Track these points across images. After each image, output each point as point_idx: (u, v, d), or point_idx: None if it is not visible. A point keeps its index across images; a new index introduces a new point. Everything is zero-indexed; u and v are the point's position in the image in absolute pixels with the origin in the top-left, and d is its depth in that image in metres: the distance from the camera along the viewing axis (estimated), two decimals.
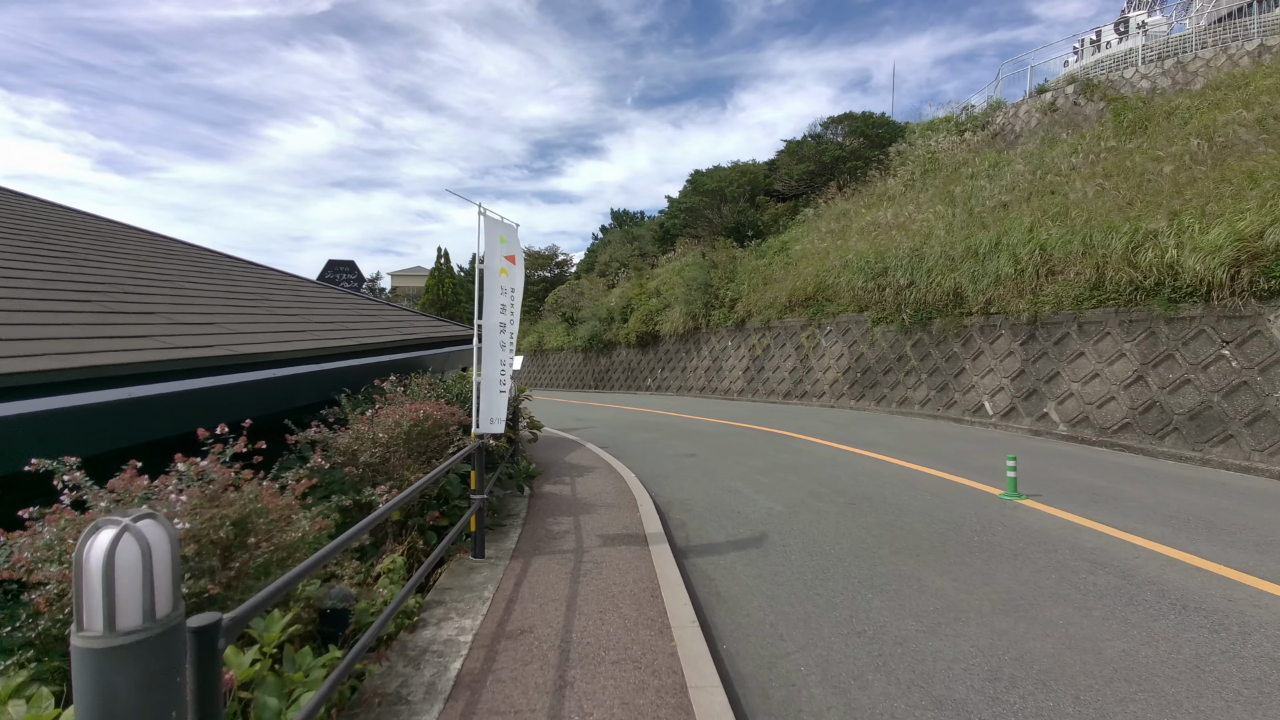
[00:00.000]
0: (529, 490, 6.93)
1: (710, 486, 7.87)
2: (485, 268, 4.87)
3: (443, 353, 9.10)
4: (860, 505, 6.66)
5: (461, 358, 10.92)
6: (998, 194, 16.22)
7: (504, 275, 4.94)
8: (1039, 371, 12.33)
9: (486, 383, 4.82)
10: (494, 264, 4.87)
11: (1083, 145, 16.12)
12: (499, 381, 4.87)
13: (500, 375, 4.89)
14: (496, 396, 4.85)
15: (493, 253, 4.87)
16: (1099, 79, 20.61)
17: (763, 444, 10.95)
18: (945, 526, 5.83)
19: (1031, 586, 4.42)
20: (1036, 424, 11.89)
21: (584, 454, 10.12)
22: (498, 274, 4.88)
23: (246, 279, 8.15)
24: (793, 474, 8.36)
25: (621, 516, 6.18)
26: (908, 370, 15.69)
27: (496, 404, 4.86)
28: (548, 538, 5.41)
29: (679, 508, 6.90)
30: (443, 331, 10.25)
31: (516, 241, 5.05)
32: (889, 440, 10.97)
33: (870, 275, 17.18)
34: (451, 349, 9.67)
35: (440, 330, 10.29)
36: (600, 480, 7.97)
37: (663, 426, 13.87)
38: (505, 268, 4.96)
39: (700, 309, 24.29)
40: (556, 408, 20.18)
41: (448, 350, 9.51)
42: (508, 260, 4.97)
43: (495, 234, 4.86)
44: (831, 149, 26.77)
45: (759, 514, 6.51)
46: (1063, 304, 12.19)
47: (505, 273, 4.93)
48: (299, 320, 6.82)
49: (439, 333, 9.81)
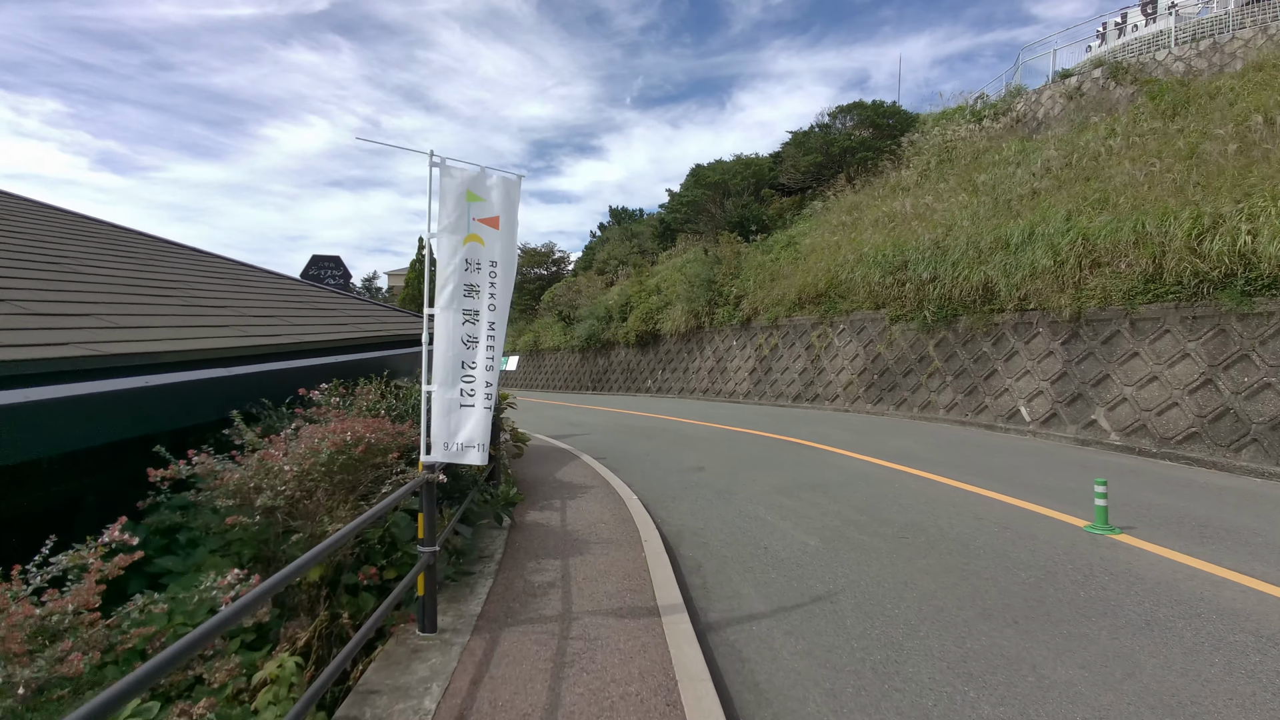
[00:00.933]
0: (509, 521, 5.68)
1: (726, 511, 6.63)
2: (438, 239, 3.61)
3: (413, 352, 7.84)
4: (914, 540, 5.42)
5: None
6: (1030, 180, 15.00)
7: (476, 245, 3.67)
8: (1084, 374, 11.10)
9: (442, 394, 3.56)
10: (456, 230, 3.62)
11: (1120, 127, 14.90)
12: (467, 393, 3.62)
13: (473, 384, 3.64)
14: (463, 413, 3.59)
15: (457, 215, 3.61)
16: (1128, 62, 19.41)
17: (779, 455, 9.71)
18: (1034, 574, 4.59)
19: (1194, 678, 3.18)
20: (1083, 432, 10.66)
21: (578, 468, 8.87)
22: (461, 245, 3.62)
23: (166, 262, 6.87)
24: (821, 494, 7.12)
25: (622, 559, 4.92)
26: (930, 372, 14.46)
27: (466, 424, 3.60)
28: (526, 595, 4.16)
29: (692, 541, 5.65)
30: (416, 329, 9.00)
31: (507, 199, 3.72)
32: (921, 451, 9.74)
33: (888, 269, 15.96)
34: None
35: (413, 327, 9.02)
36: (596, 504, 6.72)
37: (665, 433, 12.62)
38: (479, 234, 3.69)
39: (703, 307, 23.05)
40: (551, 411, 18.92)
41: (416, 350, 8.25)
42: (483, 225, 3.69)
43: (458, 190, 3.61)
44: (841, 139, 25.52)
45: (791, 551, 5.26)
46: (1111, 298, 10.97)
47: (480, 242, 3.67)
48: (224, 314, 5.57)
49: (411, 330, 8.55)
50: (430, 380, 3.60)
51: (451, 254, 3.61)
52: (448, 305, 3.61)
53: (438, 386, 3.58)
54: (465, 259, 3.64)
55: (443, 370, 3.58)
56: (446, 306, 3.61)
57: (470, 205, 3.67)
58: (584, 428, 14.16)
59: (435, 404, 3.58)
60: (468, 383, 3.58)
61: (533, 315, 41.30)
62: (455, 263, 3.61)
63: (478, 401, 3.59)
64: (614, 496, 7.08)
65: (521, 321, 42.11)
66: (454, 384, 3.57)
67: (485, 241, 3.69)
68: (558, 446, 10.97)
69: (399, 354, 7.26)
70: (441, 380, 3.58)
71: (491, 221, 3.70)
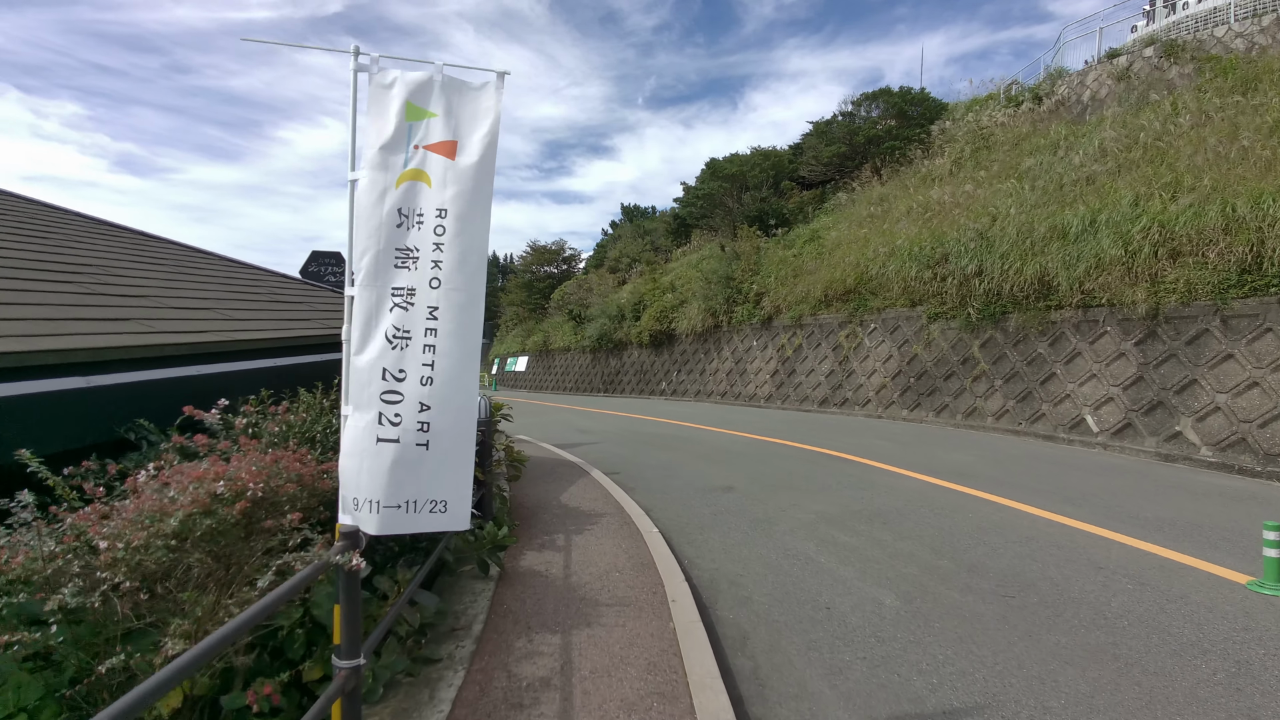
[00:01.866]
0: (497, 569, 4.45)
1: (767, 549, 5.37)
2: (360, 181, 2.39)
3: None
4: (1025, 602, 4.14)
5: None
6: (1084, 165, 13.60)
7: (417, 188, 2.43)
8: (1164, 378, 9.73)
9: (356, 421, 2.32)
10: (387, 165, 2.40)
11: (1190, 104, 13.47)
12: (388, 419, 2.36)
13: (397, 406, 2.38)
14: (381, 453, 2.32)
15: (391, 141, 2.40)
16: (1183, 40, 17.94)
17: (819, 471, 8.43)
18: (1216, 663, 3.30)
19: None
20: (1166, 446, 9.29)
21: (587, 488, 7.64)
22: (392, 187, 2.40)
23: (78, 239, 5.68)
24: (880, 526, 5.85)
25: (643, 633, 3.68)
26: (975, 375, 13.11)
27: (383, 471, 2.34)
28: (509, 707, 2.91)
29: (730, 595, 4.41)
30: None
31: (472, 114, 2.44)
32: (982, 467, 8.42)
33: (925, 263, 14.62)
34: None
35: None
36: (608, 539, 5.48)
37: (684, 443, 11.37)
38: (424, 170, 2.44)
39: (721, 305, 21.76)
40: (559, 416, 17.72)
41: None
42: (433, 155, 2.44)
43: (395, 103, 2.39)
44: (865, 128, 24.14)
45: (864, 615, 4.00)
46: (1196, 292, 9.59)
47: (424, 180, 2.42)
48: (137, 304, 4.38)
49: None
50: (348, 402, 2.37)
51: (376, 201, 2.39)
52: (367, 281, 2.39)
53: (352, 409, 2.35)
54: (397, 208, 2.42)
55: (355, 383, 2.35)
56: (365, 283, 2.39)
57: (413, 126, 2.44)
58: (594, 435, 12.94)
59: (347, 436, 2.36)
60: (390, 403, 2.34)
61: (542, 315, 40.17)
62: (380, 215, 2.39)
63: (404, 436, 2.33)
64: (629, 528, 5.85)
65: (530, 322, 40.96)
66: (369, 405, 2.34)
67: (433, 180, 2.45)
68: (564, 459, 9.74)
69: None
70: (355, 399, 2.35)
71: (445, 149, 2.45)
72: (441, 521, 2.36)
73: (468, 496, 2.41)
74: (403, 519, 2.34)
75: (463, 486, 2.41)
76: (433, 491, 2.36)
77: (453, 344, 2.46)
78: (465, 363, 2.48)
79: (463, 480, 2.41)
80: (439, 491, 2.36)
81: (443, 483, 2.37)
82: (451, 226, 2.49)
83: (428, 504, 2.35)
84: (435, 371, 2.43)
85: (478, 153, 2.54)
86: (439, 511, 2.35)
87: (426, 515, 2.35)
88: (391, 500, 2.34)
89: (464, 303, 2.49)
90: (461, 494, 2.40)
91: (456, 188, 2.51)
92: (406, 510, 2.34)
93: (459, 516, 2.39)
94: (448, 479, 2.38)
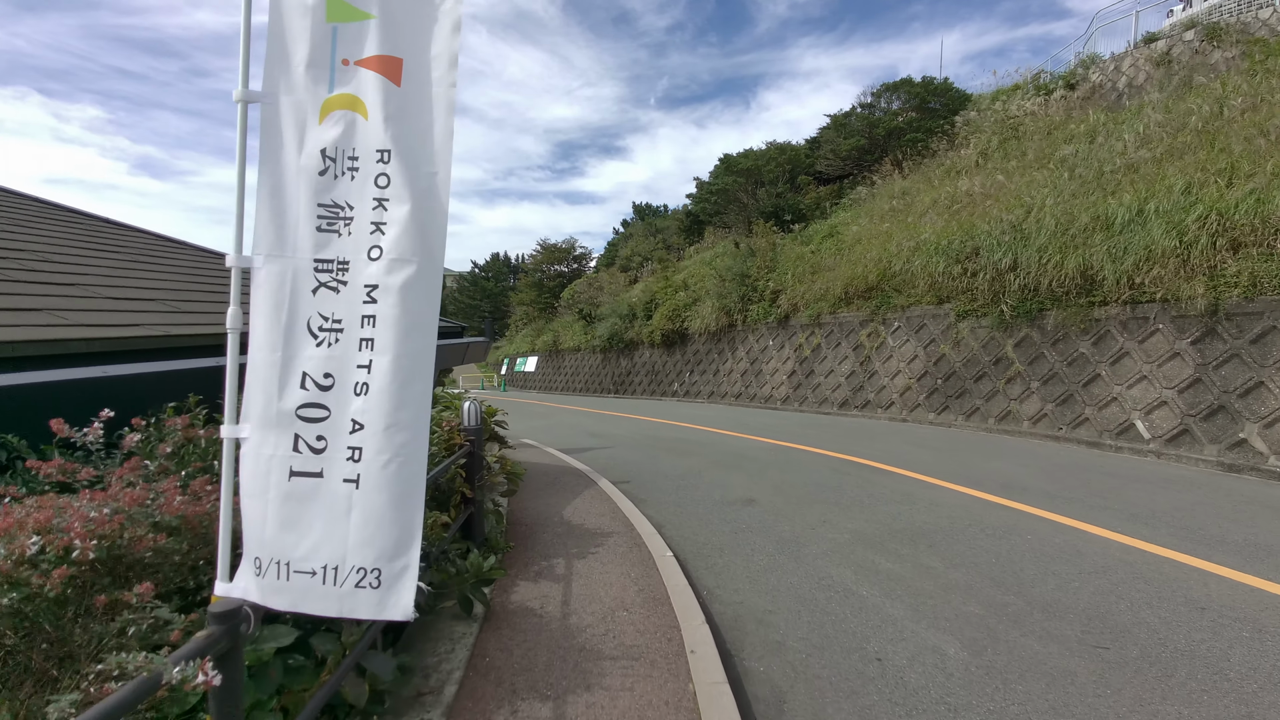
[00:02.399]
0: (483, 608, 3.76)
1: (798, 577, 4.66)
2: (270, 102, 1.72)
3: None
4: (1124, 656, 3.40)
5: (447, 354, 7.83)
6: (1129, 151, 12.73)
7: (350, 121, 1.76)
8: (1226, 380, 8.88)
9: (259, 446, 1.66)
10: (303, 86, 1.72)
11: (1241, 89, 12.56)
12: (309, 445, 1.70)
13: (322, 425, 1.72)
14: (304, 494, 1.66)
15: (306, 55, 1.73)
16: (1225, 23, 16.98)
17: (847, 482, 7.69)
18: None
19: None
20: (1229, 454, 8.46)
21: (593, 500, 6.95)
22: (314, 118, 1.73)
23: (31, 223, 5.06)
24: (928, 550, 5.12)
25: (656, 700, 2.99)
26: (1009, 376, 12.28)
27: (313, 521, 1.67)
28: None
29: (759, 639, 3.70)
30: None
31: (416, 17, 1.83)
32: (1028, 478, 7.64)
33: (954, 258, 13.79)
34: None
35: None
36: (615, 566, 4.79)
37: (700, 448, 10.65)
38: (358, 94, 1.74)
39: (735, 303, 20.99)
40: (568, 418, 17.05)
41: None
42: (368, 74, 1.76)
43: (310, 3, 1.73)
44: (886, 120, 23.30)
45: (925, 671, 3.28)
46: (1261, 286, 8.75)
47: (359, 110, 1.75)
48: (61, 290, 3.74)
49: None
50: (235, 419, 1.69)
51: (290, 138, 1.72)
52: (276, 249, 1.71)
53: (253, 429, 1.68)
54: (320, 149, 1.74)
55: (260, 393, 1.67)
56: (273, 252, 1.71)
57: (338, 31, 1.76)
58: (604, 439, 12.25)
59: (246, 468, 1.68)
60: (311, 420, 1.67)
61: (552, 314, 39.56)
62: (295, 158, 1.72)
63: (329, 467, 1.65)
64: (640, 550, 5.15)
65: (540, 321, 40.35)
66: (282, 424, 1.67)
67: (371, 110, 1.77)
68: (570, 466, 9.06)
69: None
70: (259, 414, 1.67)
71: (386, 67, 1.77)
72: (370, 603, 1.66)
73: (413, 565, 1.70)
74: (316, 593, 1.65)
75: (405, 548, 1.69)
76: (361, 554, 1.66)
77: (399, 338, 1.76)
78: (416, 365, 1.78)
79: (405, 537, 1.70)
80: (370, 553, 1.67)
81: (377, 540, 1.68)
82: (398, 175, 1.80)
83: (353, 573, 1.66)
84: (374, 376, 1.74)
85: (433, 74, 1.85)
86: (368, 586, 1.66)
87: (350, 591, 1.66)
88: (304, 563, 1.66)
89: (415, 281, 1.79)
90: (403, 561, 1.69)
91: (404, 124, 1.82)
92: (324, 579, 1.66)
93: (398, 599, 1.68)
94: (385, 535, 1.68)
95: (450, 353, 7.33)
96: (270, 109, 1.75)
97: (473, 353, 7.53)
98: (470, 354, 7.52)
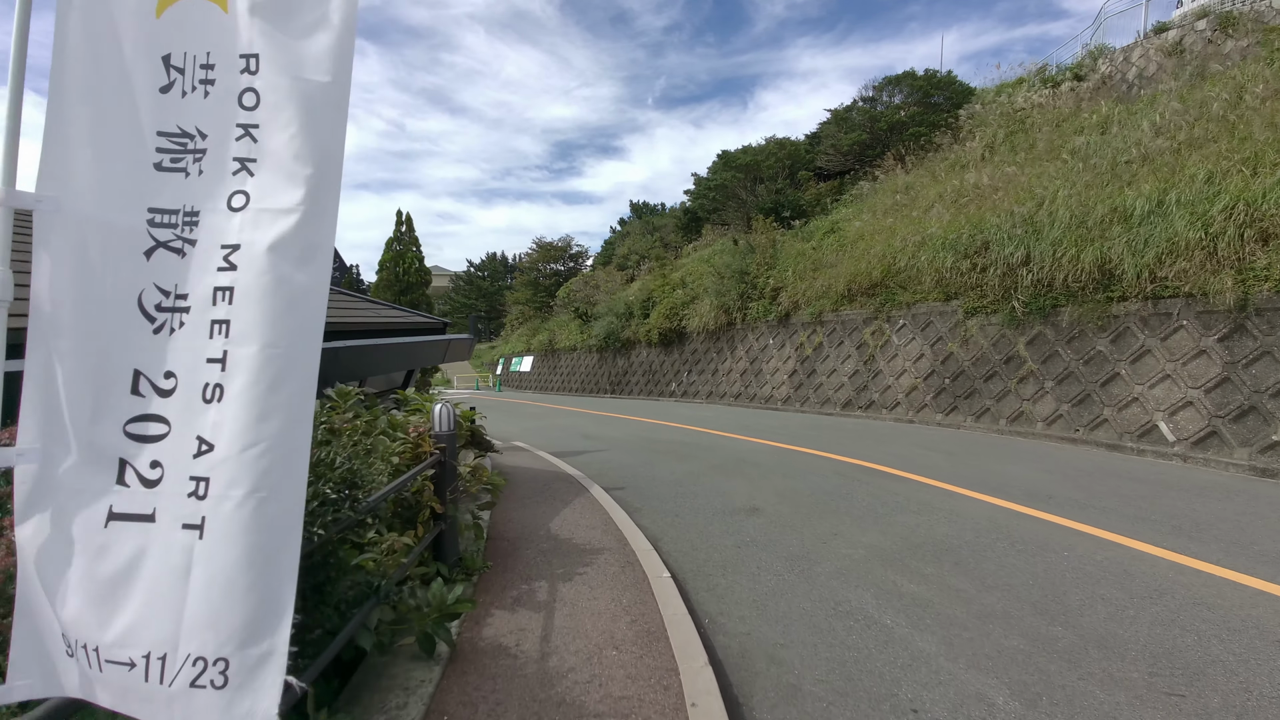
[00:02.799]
0: (448, 649, 3.21)
1: (811, 601, 4.13)
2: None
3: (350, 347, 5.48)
4: (1208, 706, 2.88)
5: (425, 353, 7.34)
6: (1141, 143, 12.22)
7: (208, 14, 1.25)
8: (1256, 379, 8.38)
9: (71, 477, 1.13)
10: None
11: (1262, 76, 12.07)
12: (142, 477, 1.18)
13: (155, 448, 1.19)
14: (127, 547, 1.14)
15: None
16: (1239, 12, 16.49)
17: (857, 489, 7.16)
18: None
19: None
20: (1261, 458, 7.94)
21: (584, 510, 6.42)
22: (149, 11, 1.21)
23: None
24: (954, 568, 4.59)
25: None
26: (1021, 376, 11.76)
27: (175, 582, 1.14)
28: None
29: (771, 683, 3.17)
30: (365, 316, 6.61)
31: None
32: (1052, 485, 7.12)
33: (963, 253, 13.29)
34: (374, 340, 6.04)
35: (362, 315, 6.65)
36: (604, 591, 4.24)
37: (699, 451, 10.12)
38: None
39: (735, 301, 20.47)
40: (562, 420, 16.52)
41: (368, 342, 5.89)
42: None
43: None
44: (888, 114, 22.79)
45: None
46: None
47: (218, 2, 1.26)
48: None
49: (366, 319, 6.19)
50: (35, 432, 1.16)
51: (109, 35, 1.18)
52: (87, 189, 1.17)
53: (46, 451, 1.14)
54: (162, 54, 1.21)
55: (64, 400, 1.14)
56: (79, 193, 1.17)
57: None
58: (599, 442, 11.72)
59: (36, 506, 1.14)
60: (142, 439, 1.14)
61: (548, 313, 39.01)
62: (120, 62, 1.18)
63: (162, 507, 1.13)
64: (633, 570, 4.61)
65: (535, 320, 39.78)
66: (97, 446, 1.14)
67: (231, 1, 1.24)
68: (562, 472, 8.52)
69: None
70: (62, 433, 1.14)
71: None
72: (211, 710, 1.12)
73: (280, 650, 1.16)
74: (136, 693, 1.11)
75: (268, 626, 1.15)
76: (201, 637, 1.13)
77: (269, 321, 1.21)
78: (292, 359, 1.23)
79: (268, 611, 1.16)
80: (214, 637, 1.13)
81: (225, 616, 1.14)
82: (271, 90, 1.25)
83: (188, 665, 1.12)
84: (230, 374, 1.19)
85: None
86: (208, 685, 1.12)
87: (184, 692, 1.12)
88: (118, 650, 1.12)
89: (293, 238, 1.24)
90: (263, 646, 1.15)
91: (278, 15, 1.27)
92: (145, 673, 1.11)
93: (254, 704, 1.13)
94: (237, 608, 1.14)
95: (429, 350, 6.80)
96: (69, 9, 1.21)
97: (454, 350, 7.00)
98: (452, 351, 6.98)
